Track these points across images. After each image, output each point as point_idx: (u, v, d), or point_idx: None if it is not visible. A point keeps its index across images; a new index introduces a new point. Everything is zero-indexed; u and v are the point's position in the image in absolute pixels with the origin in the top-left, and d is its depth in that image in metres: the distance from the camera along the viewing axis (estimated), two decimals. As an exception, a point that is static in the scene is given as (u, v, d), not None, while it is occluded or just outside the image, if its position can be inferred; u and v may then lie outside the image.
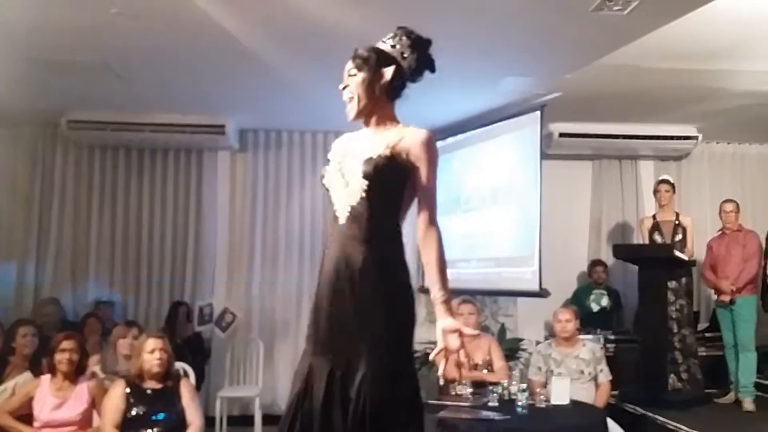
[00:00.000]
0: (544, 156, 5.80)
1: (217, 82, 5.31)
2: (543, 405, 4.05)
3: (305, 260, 6.72)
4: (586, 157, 7.08)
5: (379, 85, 2.22)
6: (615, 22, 3.98)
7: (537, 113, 5.64)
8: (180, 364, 4.38)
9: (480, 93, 5.53)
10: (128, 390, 3.67)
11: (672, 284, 5.35)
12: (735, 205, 5.58)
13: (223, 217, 6.80)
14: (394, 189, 2.18)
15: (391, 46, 2.25)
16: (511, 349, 5.98)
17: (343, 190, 2.18)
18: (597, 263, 6.76)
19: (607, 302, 6.52)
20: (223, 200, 6.82)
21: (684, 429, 4.59)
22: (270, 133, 6.87)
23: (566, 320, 4.73)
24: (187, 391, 3.79)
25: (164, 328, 5.73)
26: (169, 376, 3.80)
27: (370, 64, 2.21)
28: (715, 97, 5.66)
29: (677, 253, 5.33)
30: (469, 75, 5.05)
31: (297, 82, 5.10)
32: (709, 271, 5.59)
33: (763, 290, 5.38)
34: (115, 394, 3.67)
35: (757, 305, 5.45)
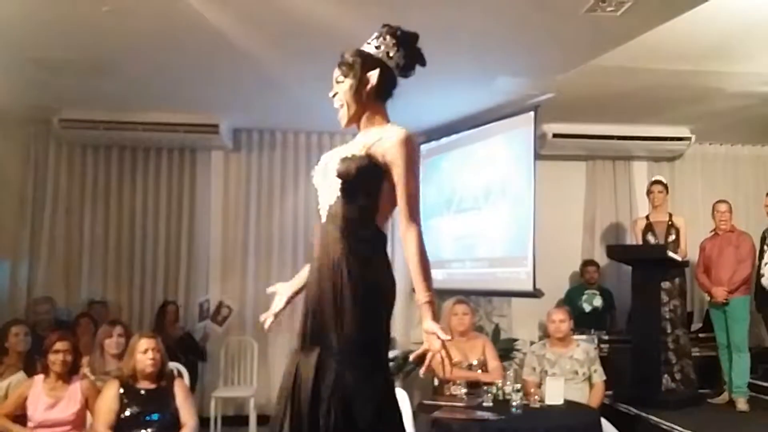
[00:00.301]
0: (538, 156, 5.82)
1: (210, 82, 5.30)
2: (537, 405, 4.05)
3: (299, 259, 6.71)
4: (580, 157, 7.11)
5: (366, 90, 2.22)
6: (608, 23, 3.99)
7: (530, 114, 5.64)
8: (174, 364, 4.36)
9: (473, 93, 5.54)
10: (122, 390, 3.66)
11: (665, 285, 5.36)
12: (728, 205, 5.59)
13: (216, 217, 6.79)
14: (370, 189, 2.16)
15: (376, 48, 2.24)
16: (506, 350, 5.99)
17: (326, 189, 2.21)
18: (589, 263, 6.77)
19: (599, 302, 6.53)
20: (216, 200, 6.81)
21: (678, 429, 4.60)
22: (263, 133, 6.86)
23: (560, 320, 4.74)
24: (181, 391, 3.77)
25: (153, 328, 5.71)
26: (163, 376, 3.79)
27: (355, 69, 2.21)
28: (709, 99, 5.68)
29: (670, 254, 5.35)
30: (462, 75, 5.06)
31: (290, 82, 5.10)
32: (702, 275, 5.59)
33: (757, 291, 5.40)
34: (109, 395, 3.66)
35: (751, 306, 5.48)
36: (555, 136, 6.49)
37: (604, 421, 4.13)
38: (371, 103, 2.25)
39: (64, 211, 6.57)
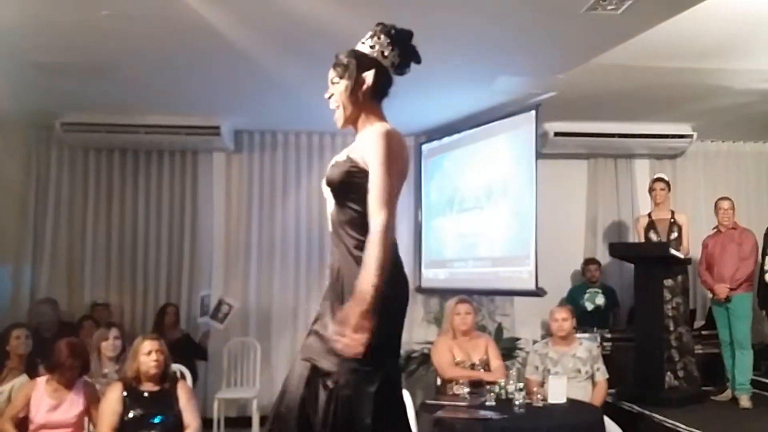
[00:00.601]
0: (540, 155, 5.82)
1: (211, 84, 5.30)
2: (540, 404, 4.05)
3: (301, 261, 6.73)
4: (582, 156, 7.10)
5: (361, 91, 2.20)
6: (609, 22, 3.98)
7: (532, 112, 5.65)
8: (177, 366, 4.37)
9: (474, 92, 5.54)
10: (125, 393, 3.66)
11: (668, 282, 5.36)
12: (731, 202, 5.58)
13: (218, 219, 6.80)
14: (358, 193, 2.09)
15: (370, 47, 2.22)
16: (508, 349, 6.00)
17: (327, 197, 2.22)
18: (590, 261, 6.77)
19: (602, 301, 6.52)
20: (218, 202, 6.81)
21: (681, 427, 4.59)
22: (265, 134, 6.86)
23: (563, 319, 4.73)
24: (184, 393, 3.77)
25: (153, 330, 5.71)
26: (166, 378, 3.79)
27: (350, 70, 2.20)
28: (710, 96, 5.68)
29: (673, 251, 5.34)
30: (463, 75, 5.06)
31: (291, 82, 5.09)
32: (705, 272, 5.58)
33: (760, 288, 5.39)
34: (112, 397, 3.65)
35: (754, 303, 5.47)
36: (556, 134, 6.49)
37: (607, 420, 4.12)
38: (367, 104, 2.23)
39: (66, 214, 6.58)
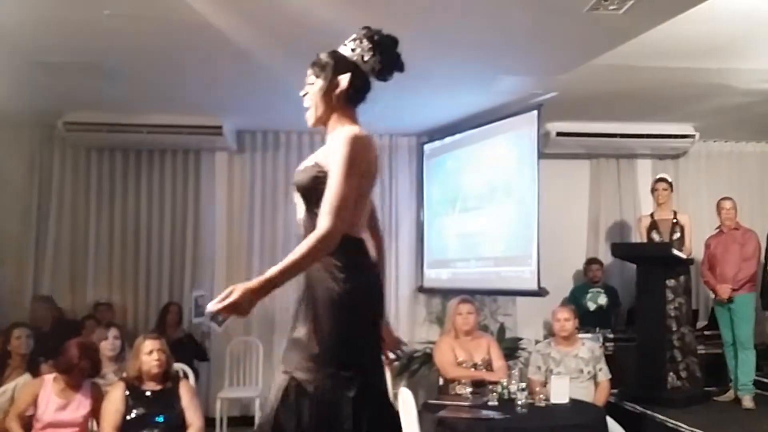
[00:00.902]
0: (542, 155, 5.82)
1: (214, 84, 5.30)
2: (543, 404, 4.05)
3: (303, 261, 6.71)
4: (584, 156, 7.10)
5: (335, 94, 2.18)
6: (611, 22, 3.98)
7: (534, 112, 5.65)
8: (179, 365, 4.37)
9: (476, 92, 5.53)
10: (127, 392, 3.67)
11: (670, 282, 5.35)
12: (732, 202, 5.57)
13: (221, 219, 6.80)
14: (322, 197, 2.05)
15: (351, 50, 2.19)
16: (511, 349, 6.00)
17: (297, 202, 2.20)
18: (592, 261, 6.76)
19: (604, 301, 6.52)
20: (221, 201, 6.82)
21: (683, 427, 4.59)
22: (267, 134, 6.86)
23: (565, 319, 4.73)
24: (186, 392, 3.78)
25: (155, 329, 5.71)
26: (168, 377, 3.80)
27: (326, 71, 2.18)
28: (713, 96, 5.67)
29: (675, 252, 5.33)
30: (465, 75, 5.06)
31: (293, 82, 5.04)
32: (707, 273, 5.57)
33: (763, 288, 5.37)
34: (115, 397, 3.66)
35: (756, 303, 5.46)
36: (558, 134, 6.48)
37: (609, 420, 4.13)
38: (340, 107, 2.19)
39: (69, 213, 6.59)
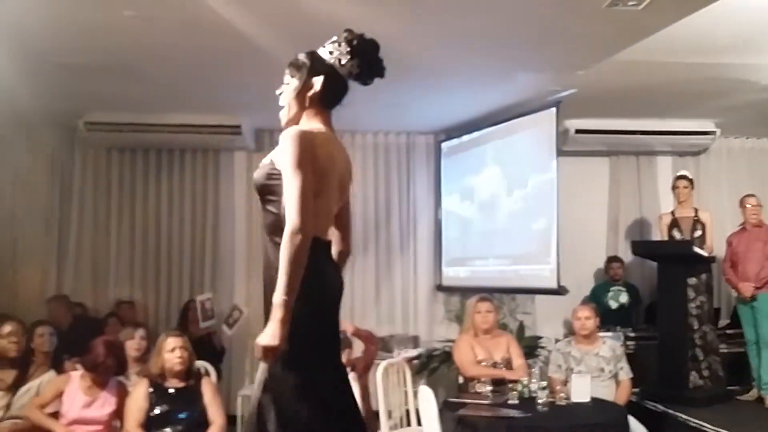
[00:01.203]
0: (561, 152, 5.79)
1: (232, 83, 5.32)
2: (563, 403, 4.04)
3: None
4: (603, 153, 7.05)
5: (308, 95, 2.18)
6: (630, 18, 3.95)
7: (553, 110, 5.63)
8: (201, 363, 4.41)
9: (495, 90, 5.52)
10: (151, 389, 3.71)
11: (692, 281, 5.29)
12: (758, 199, 5.53)
13: (240, 217, 6.82)
14: (275, 195, 2.08)
15: (329, 53, 2.19)
16: (530, 347, 5.98)
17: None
18: (613, 260, 6.71)
19: (626, 299, 6.48)
20: (240, 200, 6.83)
21: (706, 426, 4.55)
22: (285, 133, 6.88)
23: (586, 318, 4.71)
24: (208, 390, 3.82)
25: (177, 327, 5.74)
26: (191, 375, 3.84)
27: (301, 72, 2.18)
28: (734, 92, 5.61)
29: (696, 250, 5.29)
30: (484, 72, 5.04)
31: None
32: (729, 270, 5.52)
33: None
34: (139, 394, 3.71)
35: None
36: (577, 131, 6.45)
37: (631, 419, 4.11)
38: (313, 108, 2.20)
39: (90, 212, 6.65)
